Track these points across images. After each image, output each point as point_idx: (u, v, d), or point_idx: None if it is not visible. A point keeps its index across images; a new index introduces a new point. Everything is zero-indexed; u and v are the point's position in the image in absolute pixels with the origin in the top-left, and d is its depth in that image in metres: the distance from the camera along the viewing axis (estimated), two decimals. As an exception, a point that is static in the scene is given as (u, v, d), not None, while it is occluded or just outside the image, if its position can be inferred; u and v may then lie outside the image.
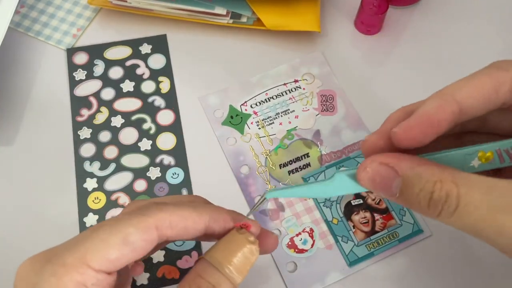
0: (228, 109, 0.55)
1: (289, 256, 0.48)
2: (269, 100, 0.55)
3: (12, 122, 0.54)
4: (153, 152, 0.53)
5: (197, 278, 0.33)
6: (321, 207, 0.50)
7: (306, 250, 0.49)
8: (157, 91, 0.56)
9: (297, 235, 0.49)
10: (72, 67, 0.57)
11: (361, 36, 0.59)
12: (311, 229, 0.49)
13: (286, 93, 0.55)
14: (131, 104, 0.55)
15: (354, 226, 0.49)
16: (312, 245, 0.49)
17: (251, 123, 0.54)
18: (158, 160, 0.53)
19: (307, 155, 0.53)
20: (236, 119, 0.54)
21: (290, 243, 0.49)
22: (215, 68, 0.57)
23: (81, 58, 0.57)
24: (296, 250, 0.48)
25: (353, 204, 0.50)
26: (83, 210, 0.50)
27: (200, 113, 0.55)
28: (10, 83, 0.56)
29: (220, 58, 0.58)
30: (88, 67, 0.57)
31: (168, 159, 0.53)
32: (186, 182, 0.52)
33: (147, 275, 0.48)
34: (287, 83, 0.56)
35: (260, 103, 0.55)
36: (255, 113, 0.55)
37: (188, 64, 0.58)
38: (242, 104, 0.55)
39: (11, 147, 0.53)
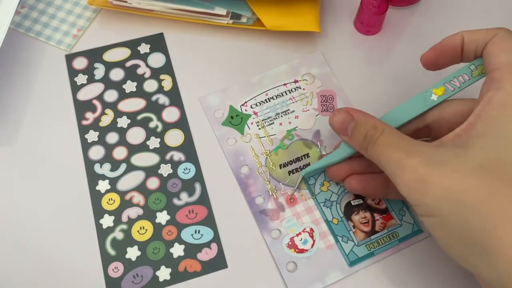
0: (228, 110, 0.55)
1: (289, 256, 0.48)
2: (269, 101, 0.55)
3: (12, 123, 0.54)
4: (162, 150, 0.53)
5: None
6: (321, 207, 0.50)
7: (307, 250, 0.49)
8: (160, 89, 0.56)
9: (297, 235, 0.49)
10: (72, 73, 0.57)
11: (361, 37, 0.60)
12: (311, 229, 0.49)
13: (286, 94, 0.55)
14: (135, 104, 0.55)
15: (354, 226, 0.49)
16: (313, 245, 0.49)
17: (251, 123, 0.54)
18: (168, 157, 0.53)
19: (307, 155, 0.53)
20: (236, 120, 0.54)
21: (290, 243, 0.49)
22: (215, 68, 0.57)
23: (80, 63, 0.57)
24: (296, 250, 0.49)
25: (353, 204, 0.50)
26: (98, 212, 0.50)
27: (200, 113, 0.55)
28: (11, 84, 0.56)
29: (220, 58, 0.58)
30: (88, 71, 0.57)
31: (178, 155, 0.53)
32: (198, 176, 0.52)
33: (169, 270, 0.48)
34: (287, 83, 0.56)
35: (260, 104, 0.55)
36: (255, 113, 0.55)
37: (187, 63, 0.58)
38: (242, 105, 0.55)
39: (12, 148, 0.53)
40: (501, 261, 0.35)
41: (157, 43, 0.58)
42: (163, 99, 0.56)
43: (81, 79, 0.56)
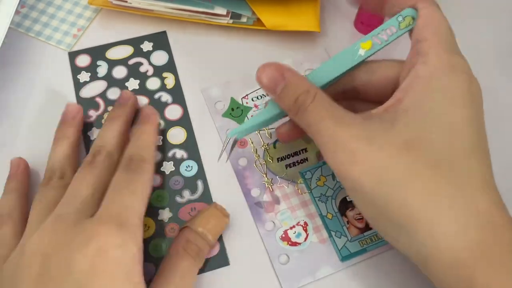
0: (229, 102, 0.55)
1: (282, 248, 0.48)
2: (270, 94, 0.56)
3: (13, 122, 0.54)
4: (165, 147, 0.54)
5: (188, 243, 0.45)
6: (316, 201, 0.50)
7: (299, 243, 0.49)
8: (163, 87, 0.57)
9: (291, 228, 0.49)
10: (75, 70, 0.57)
11: (361, 36, 0.59)
12: (305, 223, 0.50)
13: (287, 88, 0.56)
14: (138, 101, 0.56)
15: (348, 222, 0.49)
16: (306, 238, 0.49)
17: (251, 116, 0.55)
18: (170, 154, 0.53)
19: (305, 150, 0.53)
20: (236, 112, 0.55)
21: (283, 235, 0.49)
22: (217, 67, 0.58)
23: (83, 60, 0.58)
24: (290, 243, 0.49)
25: (348, 200, 0.50)
26: None
27: (203, 110, 0.55)
28: (11, 83, 0.56)
29: (223, 57, 0.59)
30: (91, 68, 0.58)
31: (180, 153, 0.53)
32: (200, 173, 0.52)
33: None
34: (288, 78, 0.56)
35: (261, 97, 0.56)
36: (256, 106, 0.55)
37: (190, 61, 0.58)
38: (243, 97, 0.56)
39: (13, 148, 0.53)
40: (418, 235, 0.37)
41: (160, 41, 0.59)
42: (165, 97, 0.56)
43: (84, 76, 0.57)
